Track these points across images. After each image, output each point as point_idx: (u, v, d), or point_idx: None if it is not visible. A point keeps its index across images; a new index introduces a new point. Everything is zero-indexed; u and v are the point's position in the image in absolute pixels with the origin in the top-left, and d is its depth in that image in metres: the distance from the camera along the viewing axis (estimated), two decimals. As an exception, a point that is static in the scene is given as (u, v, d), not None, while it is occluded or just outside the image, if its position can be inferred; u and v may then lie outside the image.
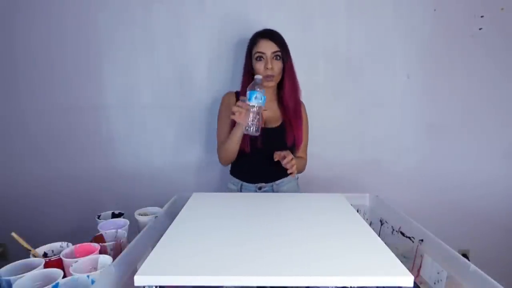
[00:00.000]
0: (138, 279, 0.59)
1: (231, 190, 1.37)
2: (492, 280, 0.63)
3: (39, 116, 1.63)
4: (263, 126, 1.26)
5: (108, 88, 1.62)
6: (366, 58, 1.61)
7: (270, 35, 1.24)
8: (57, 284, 0.69)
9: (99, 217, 1.07)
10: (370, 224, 1.10)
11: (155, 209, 1.11)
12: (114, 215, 1.10)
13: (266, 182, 1.32)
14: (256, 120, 1.09)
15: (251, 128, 1.10)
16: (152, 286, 0.60)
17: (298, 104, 1.33)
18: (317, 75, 1.62)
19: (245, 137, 1.22)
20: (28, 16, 1.54)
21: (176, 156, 1.68)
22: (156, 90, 1.62)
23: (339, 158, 1.69)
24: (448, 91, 1.64)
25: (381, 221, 1.10)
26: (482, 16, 1.57)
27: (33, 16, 1.54)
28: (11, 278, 0.72)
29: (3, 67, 1.59)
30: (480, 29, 1.59)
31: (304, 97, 1.61)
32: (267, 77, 1.22)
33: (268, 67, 1.21)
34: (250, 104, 1.07)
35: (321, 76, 1.62)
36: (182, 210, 0.93)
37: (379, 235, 0.83)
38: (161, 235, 0.75)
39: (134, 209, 1.10)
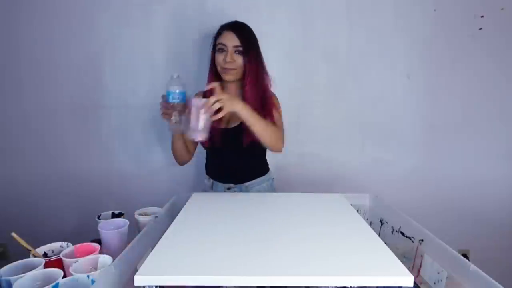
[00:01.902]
0: (138, 279, 0.59)
1: (205, 185, 1.34)
2: (492, 280, 0.63)
3: (39, 116, 1.63)
4: (225, 126, 1.22)
5: (108, 88, 1.61)
6: (366, 58, 1.61)
7: (234, 27, 1.17)
8: (57, 284, 0.69)
9: (99, 217, 1.07)
10: (370, 224, 1.10)
11: (155, 209, 1.11)
12: (114, 215, 1.10)
13: (234, 183, 1.28)
14: (179, 118, 1.04)
15: (176, 127, 1.06)
16: (152, 286, 0.60)
17: (266, 101, 1.20)
18: (317, 75, 1.62)
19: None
20: (29, 16, 1.54)
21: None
22: (156, 90, 1.62)
23: (339, 158, 1.69)
24: (448, 91, 1.64)
25: (381, 221, 1.10)
26: (482, 16, 1.57)
27: (34, 16, 1.54)
28: (11, 278, 0.72)
29: (4, 67, 1.59)
30: (480, 29, 1.59)
31: (304, 97, 1.62)
32: (225, 70, 1.17)
33: (227, 60, 1.15)
34: (170, 104, 1.04)
35: (321, 76, 1.62)
36: (182, 210, 0.93)
37: (379, 235, 0.83)
38: (161, 235, 0.75)
39: (134, 209, 1.10)
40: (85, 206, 1.67)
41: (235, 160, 1.25)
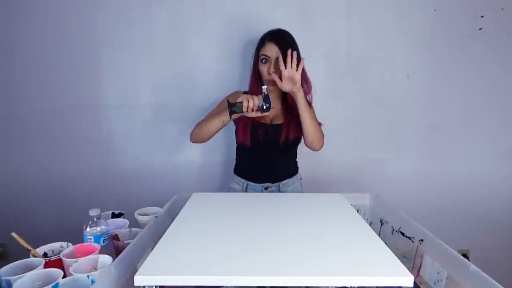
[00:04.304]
0: (138, 279, 0.59)
1: (234, 190, 1.34)
2: (492, 280, 0.63)
3: (39, 117, 1.63)
4: (268, 122, 1.28)
5: (108, 88, 1.62)
6: (366, 58, 1.61)
7: (277, 38, 1.21)
8: (57, 284, 0.69)
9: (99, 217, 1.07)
10: (370, 224, 1.10)
11: (155, 209, 1.12)
12: (114, 215, 1.10)
13: (272, 182, 1.31)
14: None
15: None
16: (152, 286, 0.60)
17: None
18: (317, 75, 1.61)
19: (246, 130, 1.24)
20: (26, 16, 1.54)
21: (176, 156, 1.68)
22: (156, 90, 1.62)
23: (339, 158, 1.69)
24: (448, 91, 1.64)
25: (381, 221, 1.10)
26: (482, 16, 1.57)
27: (31, 16, 1.54)
28: (11, 278, 0.72)
29: (3, 67, 1.59)
30: (480, 29, 1.59)
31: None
32: (269, 81, 1.22)
33: (270, 71, 1.19)
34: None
35: (321, 76, 1.62)
36: (182, 210, 0.93)
37: (379, 235, 0.83)
38: (161, 235, 0.75)
39: (134, 209, 1.10)
40: (86, 206, 1.66)
41: (273, 157, 1.28)
